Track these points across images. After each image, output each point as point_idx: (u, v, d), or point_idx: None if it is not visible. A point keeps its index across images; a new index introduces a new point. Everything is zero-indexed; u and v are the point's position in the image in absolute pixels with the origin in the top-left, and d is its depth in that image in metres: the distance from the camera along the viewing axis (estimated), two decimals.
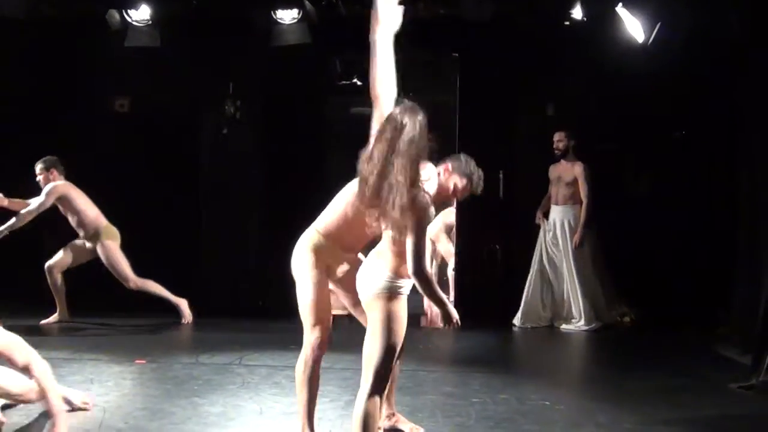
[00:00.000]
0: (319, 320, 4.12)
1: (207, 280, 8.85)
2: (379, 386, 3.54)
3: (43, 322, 7.85)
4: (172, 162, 9.09)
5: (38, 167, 7.79)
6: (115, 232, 7.86)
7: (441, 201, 4.25)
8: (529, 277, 8.37)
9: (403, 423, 4.65)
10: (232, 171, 9.09)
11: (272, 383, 5.69)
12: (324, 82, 9.09)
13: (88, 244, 7.82)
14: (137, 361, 6.31)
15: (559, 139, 8.34)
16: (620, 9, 7.71)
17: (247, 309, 8.42)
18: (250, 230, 9.01)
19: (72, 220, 7.81)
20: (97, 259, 7.81)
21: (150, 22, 8.32)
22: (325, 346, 4.17)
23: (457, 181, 3.92)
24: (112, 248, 7.79)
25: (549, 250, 8.39)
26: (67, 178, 7.88)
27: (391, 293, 3.54)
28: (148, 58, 8.66)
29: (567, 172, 8.31)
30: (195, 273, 8.93)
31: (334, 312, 4.27)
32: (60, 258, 7.87)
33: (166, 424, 4.70)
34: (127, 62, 8.74)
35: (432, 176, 3.88)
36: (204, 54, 8.94)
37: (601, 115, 8.94)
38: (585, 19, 8.09)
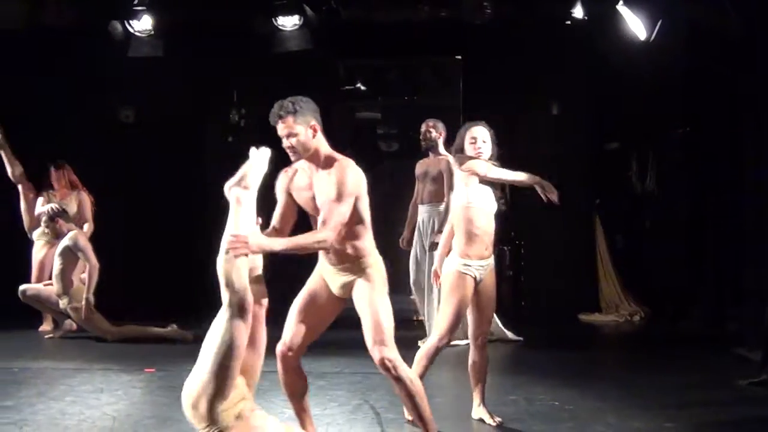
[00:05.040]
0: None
1: (213, 287, 8.85)
2: None
3: (48, 336, 7.90)
4: (177, 171, 9.12)
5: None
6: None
7: None
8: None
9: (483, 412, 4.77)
10: None
11: (280, 389, 5.69)
12: (327, 87, 9.11)
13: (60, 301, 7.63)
14: (146, 370, 6.32)
15: (426, 129, 7.30)
16: (621, 7, 7.72)
17: None
18: None
19: (58, 267, 7.55)
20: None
21: (152, 33, 8.37)
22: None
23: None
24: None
25: (418, 256, 7.41)
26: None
27: None
28: (151, 68, 8.69)
29: (433, 167, 7.32)
30: (201, 281, 8.93)
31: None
32: (42, 287, 7.84)
33: None
34: (131, 73, 8.78)
35: None
36: (207, 63, 8.98)
37: (605, 113, 8.95)
38: (586, 18, 8.11)
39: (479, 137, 4.64)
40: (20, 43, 8.64)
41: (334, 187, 3.83)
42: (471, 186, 4.58)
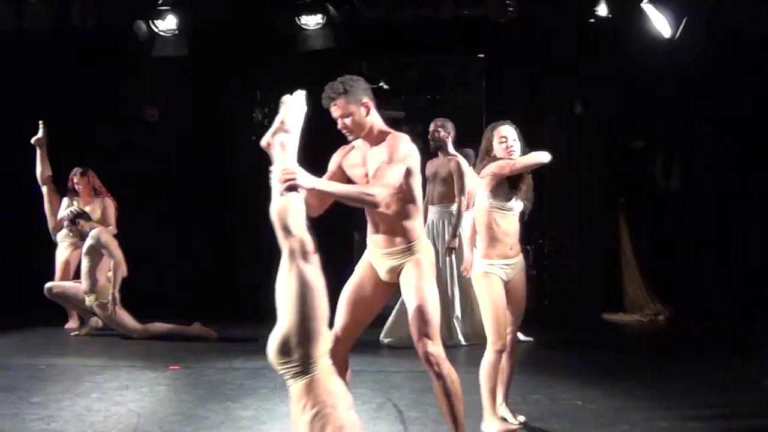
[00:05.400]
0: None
1: (240, 285, 8.91)
2: None
3: (73, 333, 7.98)
4: (202, 169, 9.17)
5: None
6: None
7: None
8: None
9: (505, 411, 4.76)
10: (261, 178, 9.13)
11: None
12: None
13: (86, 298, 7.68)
14: (171, 367, 6.37)
15: (434, 129, 7.23)
16: (646, 5, 7.67)
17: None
18: None
19: (85, 266, 7.62)
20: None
21: (177, 32, 8.41)
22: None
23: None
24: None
25: None
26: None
27: None
28: (176, 67, 8.74)
29: (443, 167, 7.23)
30: (228, 279, 8.99)
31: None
32: (68, 284, 7.92)
33: (200, 428, 4.74)
34: (156, 72, 8.83)
35: None
36: (231, 62, 9.02)
37: (629, 112, 8.89)
38: (610, 15, 8.05)
39: (509, 136, 4.60)
40: (47, 43, 8.71)
41: (385, 153, 3.84)
42: (493, 189, 4.53)
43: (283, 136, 3.60)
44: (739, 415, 5.07)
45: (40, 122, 8.11)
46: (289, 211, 3.41)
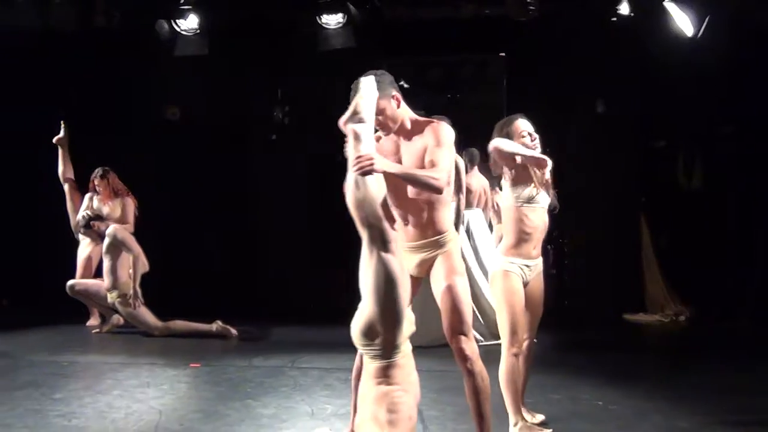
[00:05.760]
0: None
1: (259, 285, 8.94)
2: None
3: (95, 331, 8.03)
4: (223, 168, 9.21)
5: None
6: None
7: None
8: None
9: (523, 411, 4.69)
10: (281, 176, 9.18)
11: (324, 385, 5.73)
12: None
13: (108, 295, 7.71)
14: (192, 365, 6.40)
15: None
16: (668, 3, 7.62)
17: (299, 312, 8.49)
18: (300, 235, 9.08)
19: (107, 264, 7.67)
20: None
21: (198, 31, 8.45)
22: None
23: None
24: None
25: None
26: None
27: None
28: (197, 66, 8.78)
29: None
30: (246, 278, 9.02)
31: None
32: (90, 282, 7.97)
33: (220, 426, 4.76)
34: (177, 71, 8.87)
35: None
36: (252, 61, 9.05)
37: (651, 111, 8.83)
38: (632, 14, 7.99)
39: (532, 130, 4.49)
40: (69, 42, 8.78)
41: (432, 139, 3.83)
42: (513, 183, 4.43)
43: (358, 126, 3.58)
44: (762, 417, 5.02)
45: (62, 122, 8.17)
46: (366, 201, 3.45)
